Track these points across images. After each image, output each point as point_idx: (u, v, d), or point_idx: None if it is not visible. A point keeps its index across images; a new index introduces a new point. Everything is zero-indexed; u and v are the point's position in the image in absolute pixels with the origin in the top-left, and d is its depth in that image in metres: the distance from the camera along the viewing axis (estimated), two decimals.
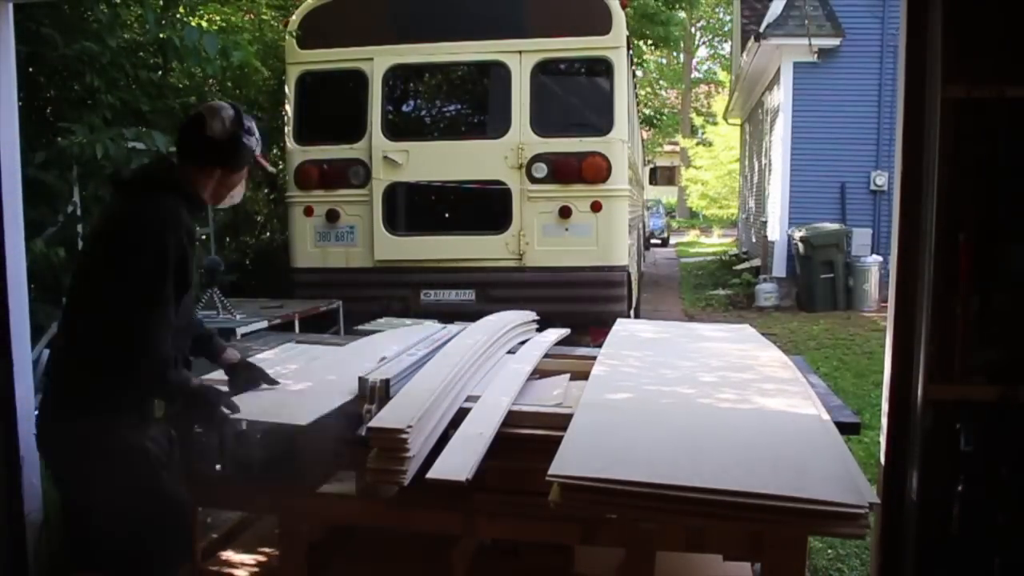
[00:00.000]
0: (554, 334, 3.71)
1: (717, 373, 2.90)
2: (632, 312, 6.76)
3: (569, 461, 1.99)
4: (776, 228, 12.53)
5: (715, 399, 2.57)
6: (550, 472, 1.94)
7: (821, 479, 1.92)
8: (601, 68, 5.90)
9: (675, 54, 30.92)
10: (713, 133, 26.13)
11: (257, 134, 2.40)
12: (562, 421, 2.48)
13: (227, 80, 6.61)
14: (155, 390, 2.23)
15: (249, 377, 2.65)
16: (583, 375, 3.05)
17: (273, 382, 2.70)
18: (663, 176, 31.81)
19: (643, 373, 2.92)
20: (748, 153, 19.04)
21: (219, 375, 2.78)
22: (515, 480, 2.43)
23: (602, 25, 5.81)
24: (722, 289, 13.58)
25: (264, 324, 4.82)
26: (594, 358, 3.26)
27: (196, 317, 2.74)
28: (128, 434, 2.17)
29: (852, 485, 1.87)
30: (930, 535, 2.31)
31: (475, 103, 6.55)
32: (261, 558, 3.32)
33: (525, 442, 2.48)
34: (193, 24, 5.30)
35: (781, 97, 12.36)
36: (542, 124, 5.86)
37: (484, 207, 5.96)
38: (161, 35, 5.04)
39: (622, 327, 3.82)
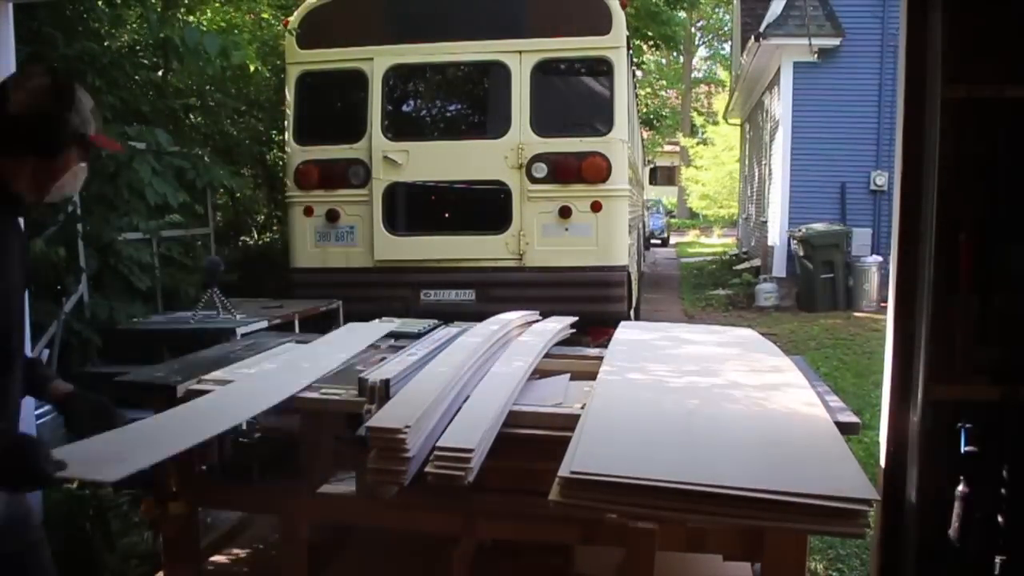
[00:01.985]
0: (556, 323, 3.71)
1: (721, 376, 2.90)
2: (632, 312, 6.76)
3: (579, 460, 1.99)
4: (776, 228, 12.53)
5: (719, 401, 2.57)
6: (561, 471, 1.95)
7: (822, 477, 1.92)
8: (601, 68, 5.89)
9: (675, 54, 30.92)
10: (713, 133, 26.15)
11: (86, 107, 1.89)
12: (562, 421, 2.48)
13: (227, 80, 6.62)
14: None
15: (94, 414, 2.05)
16: (583, 375, 3.05)
17: (122, 420, 2.11)
18: (663, 176, 31.81)
19: (649, 375, 2.92)
20: (748, 153, 19.04)
21: (220, 376, 2.77)
22: (515, 480, 2.43)
23: (602, 25, 5.80)
24: (722, 289, 13.58)
25: (264, 324, 4.82)
26: (594, 358, 3.26)
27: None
28: None
29: (853, 483, 1.87)
30: (930, 535, 2.31)
31: (475, 103, 6.54)
32: (261, 558, 3.32)
33: (525, 442, 2.48)
34: (193, 24, 5.30)
35: (781, 97, 12.36)
36: (542, 124, 5.86)
37: (484, 207, 5.96)
38: (161, 35, 5.04)
39: (626, 329, 3.82)
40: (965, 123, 2.25)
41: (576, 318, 4.12)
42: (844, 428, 2.46)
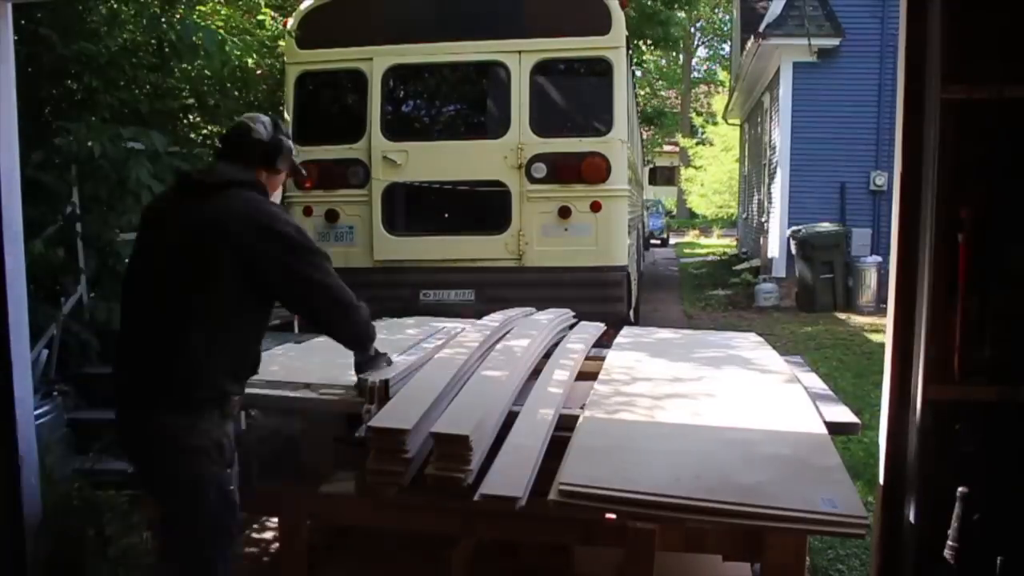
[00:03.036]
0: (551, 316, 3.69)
1: (719, 384, 2.90)
2: (632, 312, 6.75)
3: (575, 471, 2.00)
4: (776, 228, 12.53)
5: (717, 411, 2.56)
6: (557, 480, 1.96)
7: (815, 492, 1.92)
8: (601, 68, 5.89)
9: (675, 54, 30.91)
10: (713, 133, 26.14)
11: (290, 140, 2.59)
12: (562, 422, 2.48)
13: (227, 80, 6.60)
14: (367, 333, 2.59)
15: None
16: (583, 375, 3.06)
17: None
18: (663, 176, 31.75)
19: (646, 383, 2.91)
20: (748, 153, 19.04)
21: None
22: None
23: (602, 25, 5.80)
24: (722, 289, 13.57)
25: None
26: (594, 358, 3.26)
27: None
28: (209, 429, 2.24)
29: (845, 501, 1.87)
30: (930, 535, 2.31)
31: (475, 103, 6.54)
32: (261, 558, 3.32)
33: None
34: (192, 20, 5.28)
35: (780, 97, 12.36)
36: (542, 124, 5.85)
37: (483, 207, 5.96)
38: (160, 34, 5.03)
39: (628, 334, 3.82)
40: (965, 123, 2.25)
41: (572, 313, 4.11)
42: (844, 428, 2.47)
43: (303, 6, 6.19)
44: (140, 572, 3.30)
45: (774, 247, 12.58)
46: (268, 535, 3.47)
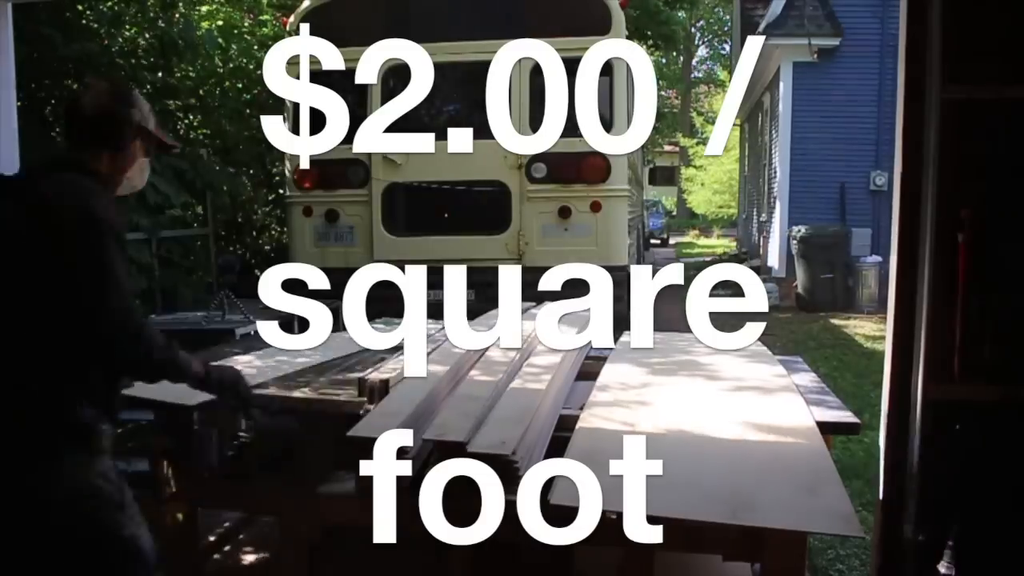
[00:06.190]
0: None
1: (717, 386, 2.89)
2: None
3: (566, 491, 2.00)
4: (776, 228, 12.54)
5: (715, 414, 2.55)
6: (550, 499, 1.97)
7: (807, 510, 1.92)
8: (601, 68, 5.90)
9: (675, 54, 30.90)
10: (713, 133, 26.12)
11: (145, 107, 2.13)
12: (562, 422, 2.48)
13: (227, 79, 6.61)
14: (162, 373, 2.03)
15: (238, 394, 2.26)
16: (584, 375, 3.06)
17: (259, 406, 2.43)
18: (663, 176, 31.76)
19: (646, 388, 2.90)
20: (748, 153, 19.04)
21: None
22: None
23: (602, 25, 5.81)
24: (721, 290, 13.56)
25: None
26: (594, 358, 3.26)
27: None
28: (74, 474, 1.83)
29: (840, 516, 1.87)
30: (930, 536, 2.31)
31: (474, 103, 6.54)
32: (261, 558, 3.32)
33: None
34: (195, 20, 5.29)
35: (781, 97, 12.37)
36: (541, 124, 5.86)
37: (483, 207, 5.97)
38: (160, 34, 5.05)
39: (628, 335, 3.80)
40: (965, 123, 2.25)
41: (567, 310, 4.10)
42: (844, 429, 2.46)
43: (303, 6, 6.20)
44: None
45: (774, 247, 12.59)
46: (268, 535, 3.46)
